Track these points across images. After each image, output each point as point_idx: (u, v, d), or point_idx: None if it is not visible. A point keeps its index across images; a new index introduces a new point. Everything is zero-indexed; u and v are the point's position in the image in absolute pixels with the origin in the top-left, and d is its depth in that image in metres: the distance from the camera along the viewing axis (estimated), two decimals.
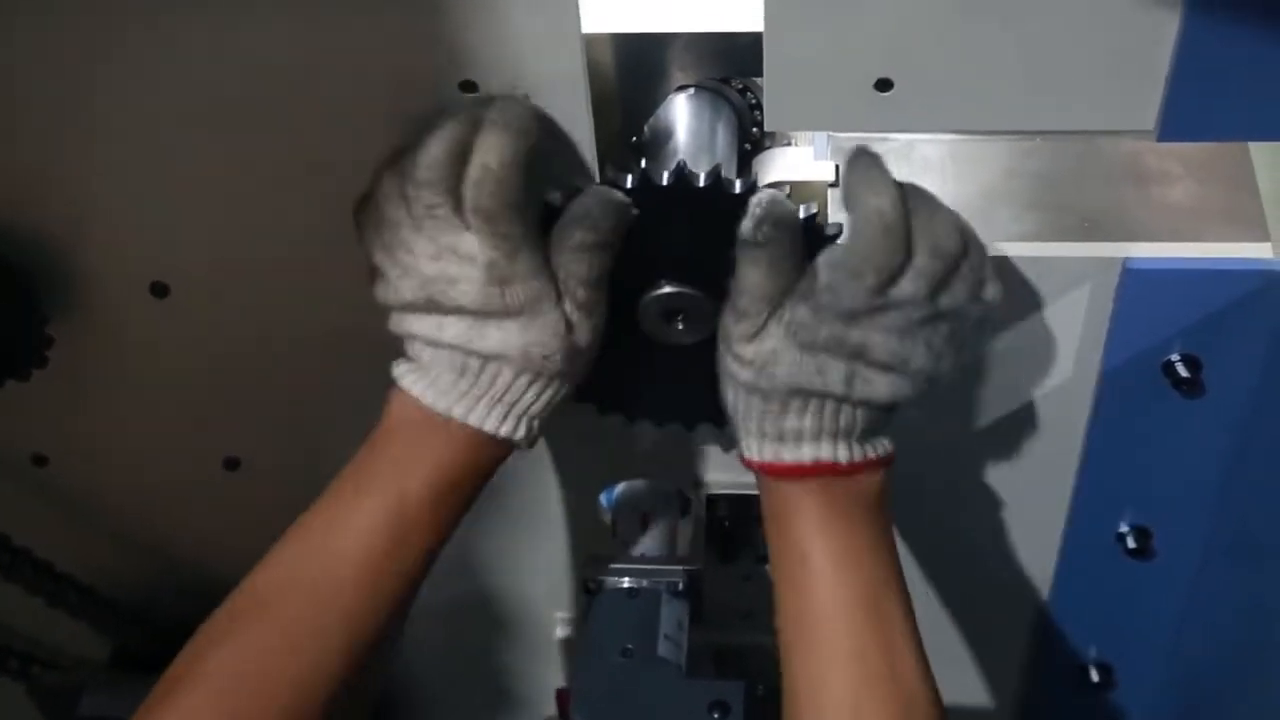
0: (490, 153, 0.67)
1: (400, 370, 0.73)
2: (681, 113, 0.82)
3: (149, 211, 0.80)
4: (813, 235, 0.70)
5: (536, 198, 0.71)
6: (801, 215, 0.70)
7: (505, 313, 0.69)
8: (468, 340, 0.70)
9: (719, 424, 0.84)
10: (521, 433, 0.72)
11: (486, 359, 0.71)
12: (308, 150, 0.76)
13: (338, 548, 0.70)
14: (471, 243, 0.68)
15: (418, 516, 0.71)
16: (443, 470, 0.72)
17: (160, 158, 0.77)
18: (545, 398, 0.73)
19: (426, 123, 0.68)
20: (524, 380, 0.71)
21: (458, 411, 0.71)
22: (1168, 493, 0.91)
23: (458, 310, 0.70)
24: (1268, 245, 0.77)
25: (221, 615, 0.70)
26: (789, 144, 0.84)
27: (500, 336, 0.70)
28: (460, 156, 0.67)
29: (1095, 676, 1.07)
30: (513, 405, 0.72)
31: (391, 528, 0.70)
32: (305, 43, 0.71)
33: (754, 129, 0.84)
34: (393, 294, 0.71)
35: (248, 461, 0.97)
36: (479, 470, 0.74)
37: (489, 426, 0.71)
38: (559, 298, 0.70)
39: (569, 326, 0.71)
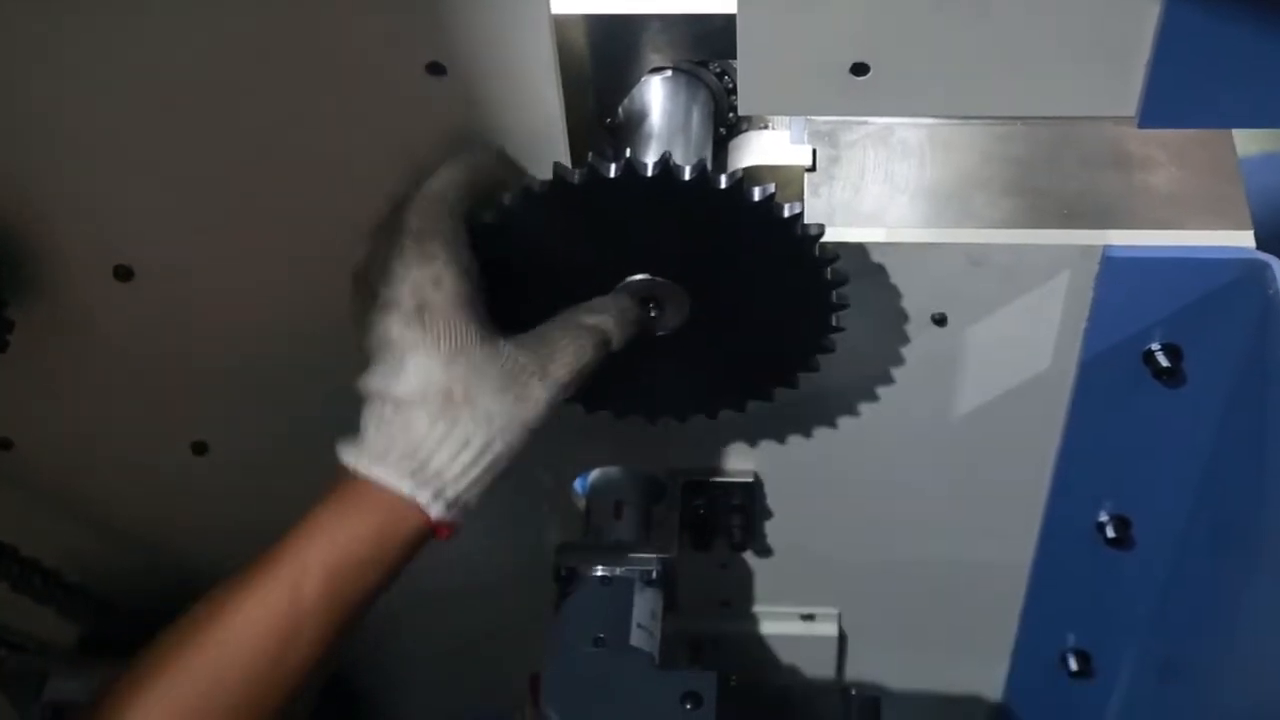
0: (433, 180, 0.66)
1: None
2: (656, 95, 0.80)
3: (111, 194, 0.79)
4: (792, 230, 0.69)
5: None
6: (787, 214, 0.69)
7: (423, 345, 0.65)
8: (384, 384, 0.66)
9: (711, 414, 0.83)
10: (435, 505, 0.66)
11: (399, 403, 0.66)
12: (272, 133, 0.74)
13: (226, 653, 0.66)
14: (401, 268, 0.65)
15: (313, 609, 0.65)
16: (346, 545, 0.66)
17: (121, 139, 0.75)
18: (463, 462, 0.66)
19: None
20: (439, 430, 0.66)
21: (361, 465, 0.66)
22: (1147, 482, 0.90)
23: (382, 347, 0.66)
24: (1249, 233, 0.75)
25: (125, 681, 0.66)
26: (765, 127, 0.83)
27: (417, 374, 0.65)
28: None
29: (1074, 664, 1.07)
30: (424, 463, 0.66)
31: (282, 631, 0.65)
32: (269, 23, 0.69)
33: (730, 112, 0.82)
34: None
35: (215, 446, 0.96)
36: (387, 545, 0.67)
37: (391, 482, 0.66)
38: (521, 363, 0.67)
39: (521, 391, 0.67)
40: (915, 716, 1.16)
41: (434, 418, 0.65)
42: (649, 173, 0.68)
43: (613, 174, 0.68)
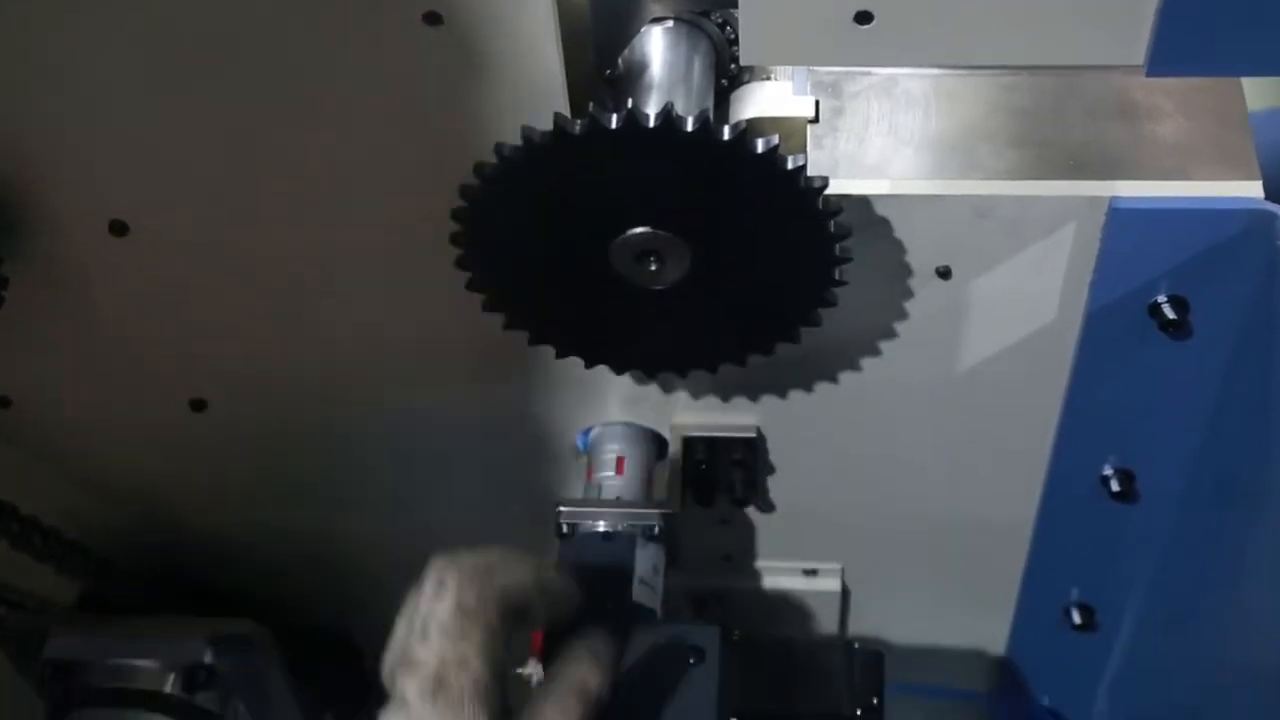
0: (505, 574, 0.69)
1: None
2: (657, 46, 0.79)
3: (105, 148, 0.78)
4: (795, 182, 0.68)
5: None
6: (790, 166, 0.68)
7: None
8: None
9: (711, 369, 0.82)
10: None
11: None
12: (267, 83, 0.73)
13: None
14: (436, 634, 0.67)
15: None
16: None
17: (115, 92, 0.74)
18: None
19: None
20: None
21: None
22: (1151, 436, 0.89)
23: (395, 694, 0.66)
24: (1258, 184, 0.74)
25: None
26: (768, 78, 0.82)
27: None
28: None
29: (1077, 618, 1.07)
30: None
31: None
32: None
33: (732, 63, 0.81)
34: None
35: (214, 403, 0.95)
36: None
37: None
38: None
39: None
40: (919, 670, 1.16)
41: None
42: (650, 124, 0.67)
43: (614, 125, 0.67)
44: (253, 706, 0.99)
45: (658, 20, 0.80)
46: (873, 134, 0.79)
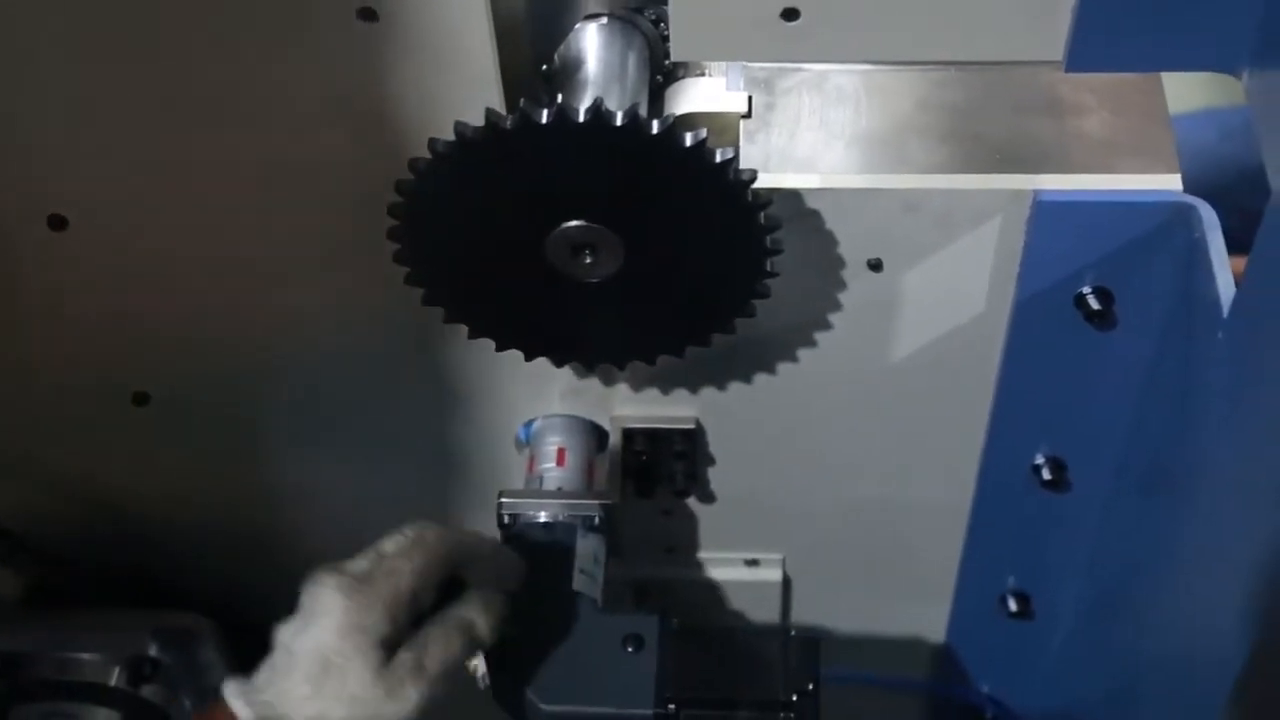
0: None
1: None
2: (592, 42, 0.80)
3: (42, 141, 0.78)
4: (724, 175, 0.70)
5: None
6: (719, 159, 0.70)
7: (334, 612, 0.70)
8: (288, 636, 0.72)
9: (649, 360, 0.83)
10: None
11: (289, 653, 0.71)
12: (202, 76, 0.74)
13: None
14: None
15: None
16: None
17: (50, 84, 0.75)
18: None
19: None
20: (304, 690, 0.69)
21: (229, 692, 0.71)
22: (1081, 424, 0.91)
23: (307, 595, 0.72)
24: (1177, 177, 0.76)
25: None
26: (702, 74, 0.83)
27: (314, 636, 0.70)
28: None
29: (1013, 605, 1.08)
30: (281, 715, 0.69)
31: None
32: None
33: (666, 60, 0.82)
34: None
35: (157, 396, 0.96)
36: None
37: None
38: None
39: (392, 688, 0.70)
40: (861, 658, 1.17)
41: (307, 679, 0.69)
42: (580, 118, 0.68)
43: (545, 119, 0.68)
44: (197, 701, 0.99)
45: (593, 17, 0.81)
46: (804, 129, 0.81)
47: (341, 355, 0.92)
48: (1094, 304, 0.80)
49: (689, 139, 0.69)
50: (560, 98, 0.69)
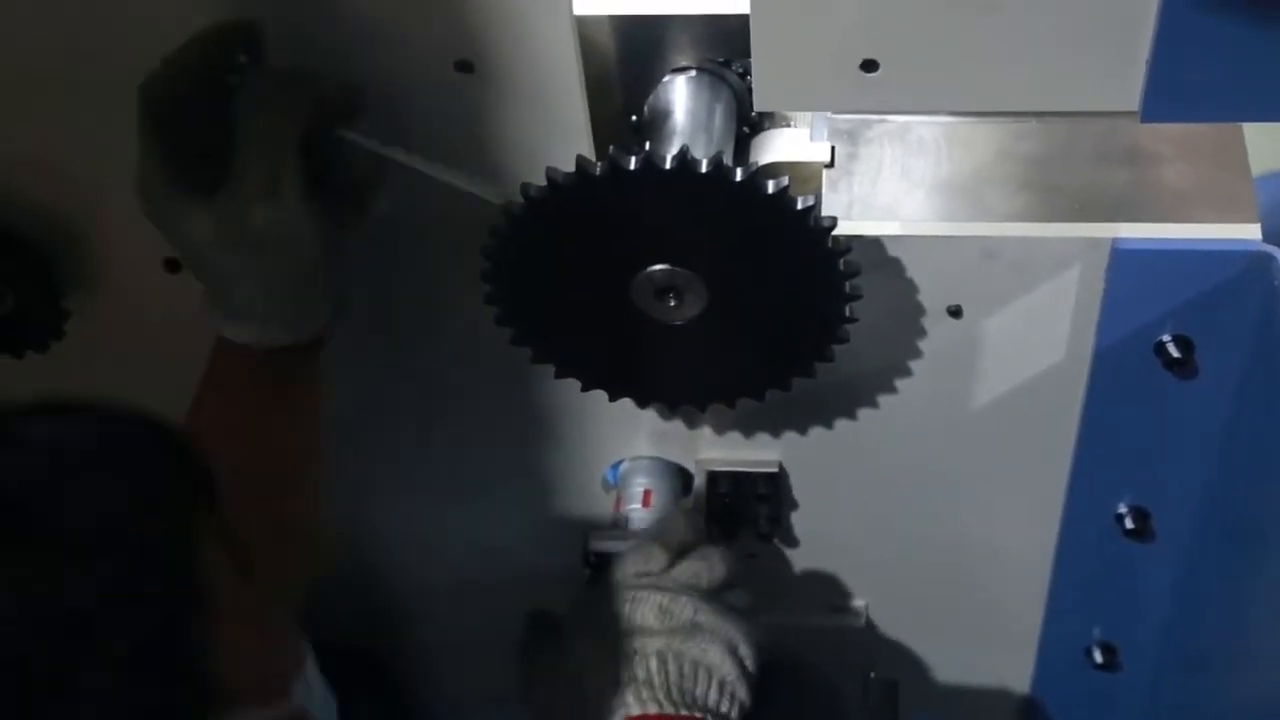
0: None
1: None
2: (680, 94, 0.83)
3: None
4: (805, 222, 0.72)
5: None
6: (800, 206, 0.72)
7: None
8: None
9: (729, 402, 0.85)
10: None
11: None
12: None
13: None
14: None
15: None
16: None
17: None
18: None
19: None
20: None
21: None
22: (1165, 473, 0.91)
23: None
24: (1256, 227, 0.77)
25: None
26: (788, 125, 0.85)
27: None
28: None
29: (1099, 657, 1.08)
30: None
31: None
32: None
33: (752, 111, 0.85)
34: None
35: None
36: None
37: None
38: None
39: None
40: (945, 707, 1.17)
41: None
42: (667, 165, 0.71)
43: (633, 166, 0.71)
44: None
45: (681, 69, 0.83)
46: (886, 177, 0.83)
47: (431, 395, 0.95)
48: (1174, 352, 0.81)
49: (771, 186, 0.71)
50: (648, 145, 0.72)
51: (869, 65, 0.70)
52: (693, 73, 0.83)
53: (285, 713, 0.68)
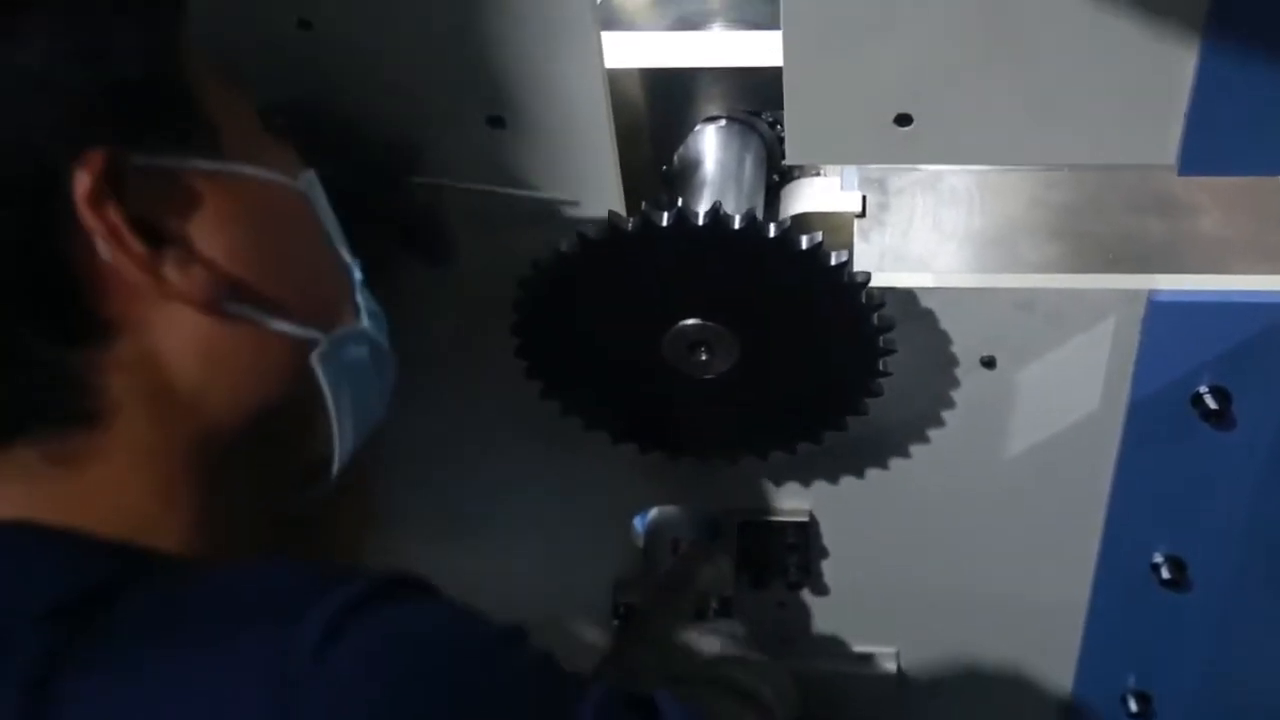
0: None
1: None
2: (710, 144, 0.83)
3: None
4: (838, 277, 0.72)
5: None
6: (833, 262, 0.71)
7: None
8: None
9: (762, 456, 0.85)
10: None
11: None
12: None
13: None
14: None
15: None
16: None
17: None
18: None
19: None
20: None
21: None
22: (1201, 523, 0.90)
23: None
24: None
25: None
26: (817, 174, 0.85)
27: None
28: None
29: (1134, 706, 1.06)
30: None
31: None
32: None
33: (782, 159, 0.84)
34: None
35: None
36: None
37: None
38: None
39: None
40: None
41: None
42: (700, 221, 0.70)
43: (665, 223, 0.71)
44: None
45: (711, 119, 0.83)
46: (917, 228, 0.82)
47: (464, 445, 0.95)
48: (1211, 404, 0.80)
49: (805, 242, 0.71)
50: (680, 201, 0.72)
51: (903, 119, 0.69)
52: (722, 122, 0.83)
53: None
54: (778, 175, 0.85)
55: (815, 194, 0.84)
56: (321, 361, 0.59)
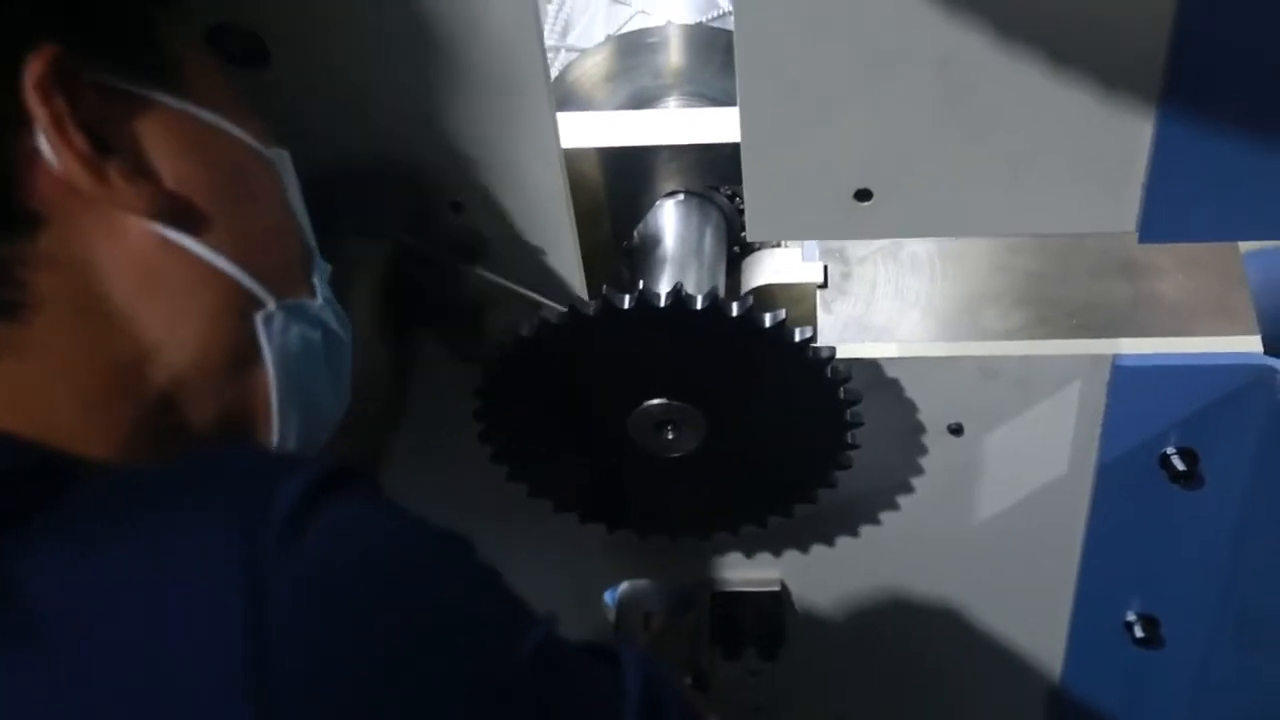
0: None
1: None
2: (670, 219, 0.82)
3: None
4: (803, 353, 0.71)
5: None
6: (798, 339, 0.71)
7: None
8: None
9: (732, 531, 0.84)
10: None
11: None
12: None
13: None
14: None
15: None
16: None
17: None
18: None
19: None
20: None
21: None
22: (1172, 581, 0.90)
23: None
24: (1257, 339, 0.76)
25: None
26: (778, 245, 0.85)
27: None
28: None
29: None
30: None
31: None
32: None
33: (742, 231, 0.84)
34: None
35: None
36: None
37: None
38: None
39: None
40: None
41: None
42: (661, 303, 0.70)
43: (626, 305, 0.70)
44: None
45: (670, 194, 0.83)
46: (880, 297, 0.82)
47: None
48: (1179, 465, 0.80)
49: (768, 319, 0.70)
50: (641, 282, 0.71)
51: (863, 194, 0.69)
52: (681, 197, 0.83)
53: None
54: (738, 247, 0.85)
55: (777, 265, 0.83)
56: (265, 324, 0.57)
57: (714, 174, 0.80)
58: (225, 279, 0.55)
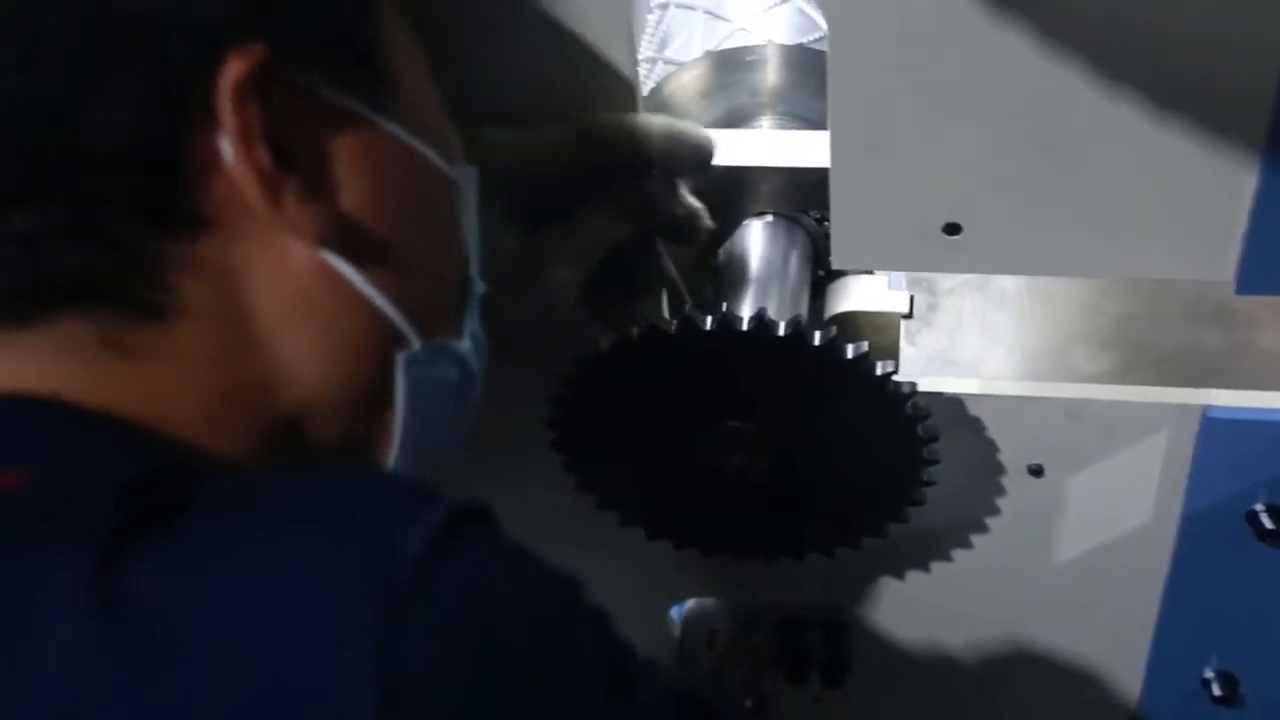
0: None
1: None
2: (756, 240, 0.81)
3: None
4: (884, 386, 0.70)
5: None
6: (879, 372, 0.70)
7: None
8: None
9: (798, 556, 0.83)
10: None
11: None
12: None
13: None
14: None
15: None
16: None
17: None
18: None
19: None
20: None
21: None
22: (1254, 639, 0.87)
23: None
24: None
25: None
26: (865, 271, 0.83)
27: None
28: None
29: None
30: None
31: None
32: None
33: (829, 256, 0.83)
34: None
35: None
36: None
37: None
38: None
39: None
40: None
41: None
42: (744, 326, 0.69)
43: (708, 326, 0.70)
44: None
45: (759, 214, 0.82)
46: (966, 331, 0.80)
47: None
48: (1267, 522, 0.77)
49: (850, 351, 0.69)
50: (725, 304, 0.71)
51: (952, 228, 0.68)
52: (769, 217, 0.82)
53: None
54: (823, 271, 0.84)
55: (861, 293, 0.83)
56: (406, 365, 0.55)
57: (803, 197, 0.79)
58: (377, 314, 0.53)
